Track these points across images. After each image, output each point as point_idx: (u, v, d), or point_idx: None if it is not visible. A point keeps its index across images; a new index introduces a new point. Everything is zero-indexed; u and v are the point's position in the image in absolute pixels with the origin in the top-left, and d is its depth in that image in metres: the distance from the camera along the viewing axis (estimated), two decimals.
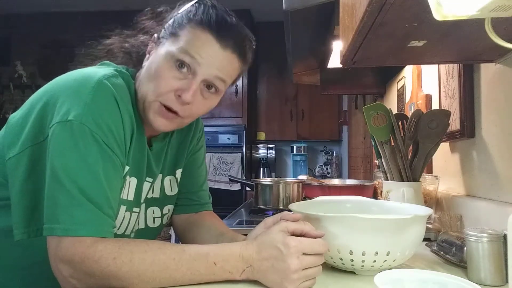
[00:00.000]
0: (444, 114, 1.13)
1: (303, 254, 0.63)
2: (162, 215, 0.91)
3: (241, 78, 4.02)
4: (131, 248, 0.63)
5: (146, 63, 0.78)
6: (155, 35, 0.80)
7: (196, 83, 0.73)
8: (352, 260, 0.71)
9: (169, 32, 0.76)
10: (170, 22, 0.77)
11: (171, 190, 0.92)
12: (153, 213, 0.88)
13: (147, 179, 0.83)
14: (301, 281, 0.63)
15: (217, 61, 0.74)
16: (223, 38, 0.73)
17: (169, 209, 0.92)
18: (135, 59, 0.85)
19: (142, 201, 0.83)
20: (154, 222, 0.89)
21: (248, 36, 0.79)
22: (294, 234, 0.66)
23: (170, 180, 0.92)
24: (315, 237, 0.66)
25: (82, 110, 0.64)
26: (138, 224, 0.84)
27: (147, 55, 0.79)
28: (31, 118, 0.68)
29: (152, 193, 0.87)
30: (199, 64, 0.72)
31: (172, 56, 0.73)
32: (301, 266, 0.62)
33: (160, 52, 0.75)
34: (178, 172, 0.93)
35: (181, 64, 0.73)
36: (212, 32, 0.73)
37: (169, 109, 0.74)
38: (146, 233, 0.87)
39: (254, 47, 0.81)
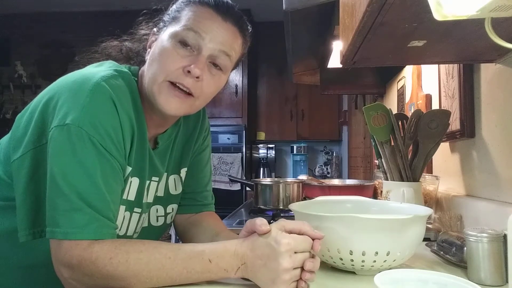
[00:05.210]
0: (444, 114, 1.13)
1: (296, 252, 0.62)
2: (166, 214, 0.90)
3: (241, 78, 4.03)
4: (127, 248, 0.63)
5: (148, 56, 0.78)
6: (154, 29, 0.81)
7: (202, 58, 0.74)
8: (352, 260, 0.71)
9: (169, 18, 0.77)
10: (169, 11, 0.79)
11: (176, 189, 0.92)
12: (157, 211, 0.88)
13: (153, 178, 0.83)
14: (293, 280, 0.62)
15: (220, 35, 0.75)
16: (223, 12, 0.76)
17: (172, 208, 0.92)
18: (135, 60, 0.85)
19: (149, 200, 0.83)
20: (157, 221, 0.89)
21: (244, 17, 0.81)
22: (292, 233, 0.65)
23: (174, 179, 0.91)
24: (314, 238, 0.65)
25: (80, 113, 0.64)
26: (142, 223, 0.84)
27: (148, 49, 0.79)
28: (33, 121, 0.69)
29: (157, 191, 0.87)
30: (203, 39, 0.73)
31: (176, 35, 0.74)
32: (293, 265, 0.61)
33: (163, 37, 0.76)
34: (183, 171, 0.93)
35: (185, 43, 0.73)
36: (212, 7, 0.75)
37: (180, 89, 0.73)
38: (149, 232, 0.87)
39: (250, 30, 0.83)
